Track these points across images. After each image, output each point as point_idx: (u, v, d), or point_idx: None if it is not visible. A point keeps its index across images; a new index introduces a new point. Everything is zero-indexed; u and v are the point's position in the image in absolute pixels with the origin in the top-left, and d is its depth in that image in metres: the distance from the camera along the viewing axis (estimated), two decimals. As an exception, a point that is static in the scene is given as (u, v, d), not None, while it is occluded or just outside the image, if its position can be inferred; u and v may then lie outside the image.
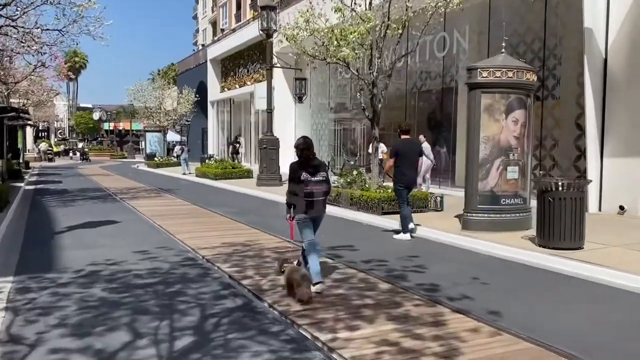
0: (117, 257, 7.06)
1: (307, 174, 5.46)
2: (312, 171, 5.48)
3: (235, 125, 35.50)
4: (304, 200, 5.46)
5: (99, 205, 13.32)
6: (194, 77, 40.96)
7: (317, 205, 5.55)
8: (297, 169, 5.50)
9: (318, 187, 5.50)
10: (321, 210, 5.68)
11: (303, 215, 5.51)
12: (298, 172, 5.47)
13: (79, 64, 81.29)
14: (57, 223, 10.24)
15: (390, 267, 6.61)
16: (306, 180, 5.44)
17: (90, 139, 75.74)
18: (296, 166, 5.54)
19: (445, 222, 9.89)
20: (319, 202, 5.57)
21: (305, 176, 5.45)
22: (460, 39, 16.13)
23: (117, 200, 14.24)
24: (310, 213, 5.54)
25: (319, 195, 5.53)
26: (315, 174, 5.49)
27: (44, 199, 14.66)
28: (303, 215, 5.52)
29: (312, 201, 5.48)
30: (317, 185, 5.50)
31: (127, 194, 16.08)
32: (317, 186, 5.50)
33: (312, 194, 5.47)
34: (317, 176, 5.49)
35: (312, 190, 5.46)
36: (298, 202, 5.48)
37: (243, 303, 5.14)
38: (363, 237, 8.95)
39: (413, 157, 8.66)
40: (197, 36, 69.33)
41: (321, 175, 5.54)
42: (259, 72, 30.44)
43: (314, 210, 5.55)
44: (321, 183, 5.53)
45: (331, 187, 5.92)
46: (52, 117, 59.63)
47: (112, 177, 25.17)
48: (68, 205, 13.16)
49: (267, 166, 17.93)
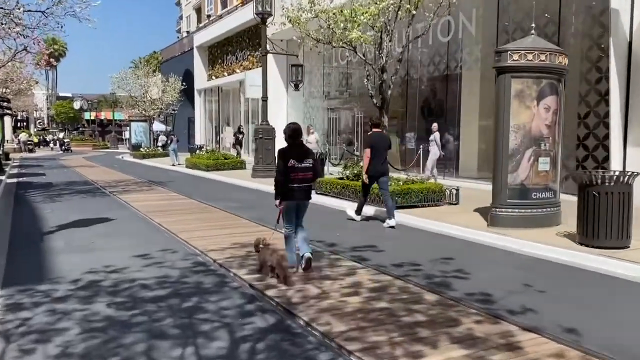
0: (117, 262, 6.27)
1: (295, 160, 5.52)
2: (299, 158, 5.55)
3: (224, 114, 34.51)
4: (291, 187, 5.56)
5: (88, 200, 12.43)
6: (180, 64, 39.70)
7: (302, 191, 5.66)
8: (284, 155, 5.56)
9: (305, 173, 5.60)
10: (306, 197, 5.77)
11: (291, 201, 5.66)
12: (285, 158, 5.53)
13: (58, 52, 78.85)
14: (45, 221, 9.38)
15: (426, 272, 5.93)
16: (293, 167, 5.52)
17: (71, 129, 73.87)
18: (284, 152, 5.60)
19: (466, 217, 9.25)
20: (304, 189, 5.68)
21: (293, 162, 5.51)
22: (467, 22, 15.43)
23: (107, 195, 13.35)
24: (297, 199, 5.68)
25: (306, 181, 5.65)
26: (303, 161, 5.57)
27: (28, 193, 13.72)
28: (290, 202, 5.66)
29: (298, 187, 5.59)
30: (304, 172, 5.59)
31: (116, 187, 15.18)
32: (304, 173, 5.59)
33: (299, 180, 5.57)
34: (304, 163, 5.58)
35: (298, 177, 5.56)
36: (284, 188, 5.58)
37: (275, 321, 4.41)
38: (382, 236, 8.26)
39: (384, 150, 9.00)
40: (181, 23, 67.51)
41: (308, 162, 5.62)
42: (249, 60, 29.51)
43: (301, 196, 5.69)
44: (308, 170, 5.62)
45: (318, 174, 5.98)
46: (31, 106, 57.93)
47: (98, 168, 24.14)
48: (55, 200, 12.25)
49: (263, 157, 17.14)
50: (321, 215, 10.30)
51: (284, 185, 5.58)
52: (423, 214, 9.65)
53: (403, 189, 10.26)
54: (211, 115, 36.42)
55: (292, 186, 5.57)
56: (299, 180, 5.59)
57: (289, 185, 5.56)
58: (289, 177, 5.54)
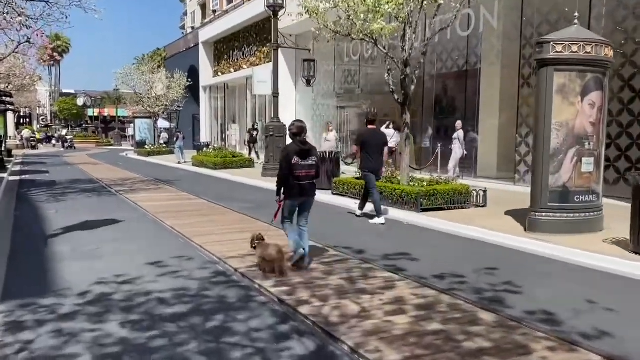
0: (129, 271, 5.70)
1: (298, 157, 5.55)
2: (303, 155, 5.57)
3: (230, 111, 33.92)
4: (294, 184, 5.58)
5: (94, 199, 11.85)
6: (185, 61, 39.12)
7: (305, 189, 5.67)
8: (288, 153, 5.60)
9: (307, 171, 5.61)
10: (310, 194, 5.78)
11: (293, 199, 5.69)
12: (289, 155, 5.56)
13: (62, 48, 78.57)
14: (49, 223, 8.80)
15: (473, 285, 5.33)
16: (297, 164, 5.54)
17: (74, 126, 73.43)
18: (288, 150, 5.65)
19: (498, 221, 8.65)
20: (308, 186, 5.69)
21: (296, 160, 5.54)
22: (488, 15, 14.80)
23: (114, 194, 12.78)
24: (299, 197, 5.69)
25: (309, 179, 5.66)
26: (306, 159, 5.59)
27: (30, 192, 13.15)
28: (292, 200, 5.70)
29: (301, 184, 5.60)
30: (307, 169, 5.61)
31: (122, 185, 14.61)
32: (307, 170, 5.61)
33: (302, 177, 5.59)
34: (307, 160, 5.60)
35: (302, 174, 5.58)
36: (288, 185, 5.61)
37: (316, 347, 3.82)
38: (415, 242, 7.65)
39: (378, 146, 9.00)
40: (185, 20, 66.98)
41: (312, 160, 5.65)
42: (256, 55, 28.91)
43: (303, 194, 5.69)
44: (311, 167, 5.65)
45: (320, 171, 6.02)
46: (34, 102, 57.39)
47: (102, 166, 23.58)
48: (59, 199, 11.68)
49: (274, 155, 16.53)
50: (341, 217, 9.72)
51: (286, 183, 5.61)
52: (451, 217, 9.05)
53: (429, 190, 9.65)
54: (217, 113, 35.84)
55: (295, 183, 5.59)
56: (302, 178, 5.61)
57: (292, 182, 5.58)
58: (292, 174, 5.55)
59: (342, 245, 6.98)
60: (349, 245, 7.04)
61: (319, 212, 10.48)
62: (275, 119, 16.88)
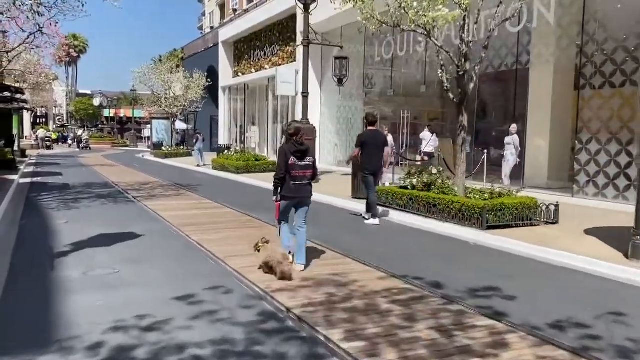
0: (154, 309, 4.47)
1: (295, 158, 5.61)
2: (299, 156, 5.64)
3: (249, 112, 32.79)
4: (291, 184, 5.67)
5: (109, 207, 10.68)
6: (203, 61, 38.09)
7: (303, 189, 5.75)
8: (285, 153, 5.64)
9: (304, 171, 5.69)
10: (307, 195, 5.83)
11: (289, 199, 5.75)
12: (286, 156, 5.62)
13: (79, 48, 78.40)
14: (58, 236, 7.62)
15: (609, 340, 4.00)
16: (294, 164, 5.61)
17: (90, 126, 72.97)
18: (285, 150, 5.67)
19: (583, 243, 7.29)
20: (305, 186, 5.77)
21: (293, 160, 5.61)
22: (543, 10, 13.42)
23: (131, 201, 11.61)
24: (296, 197, 5.75)
25: (305, 179, 5.73)
26: (303, 159, 5.66)
27: (41, 197, 12.03)
28: (288, 200, 5.76)
29: (297, 184, 5.69)
30: (304, 169, 5.69)
31: (140, 190, 13.45)
32: (304, 171, 5.69)
33: (299, 177, 5.67)
34: (304, 161, 5.67)
35: (298, 174, 5.66)
36: (285, 186, 5.71)
37: None
38: (498, 272, 6.28)
39: (378, 147, 9.12)
40: (203, 20, 66.24)
41: (308, 160, 5.71)
42: (278, 55, 27.75)
43: (300, 194, 5.75)
44: (307, 168, 5.72)
45: (317, 172, 6.05)
46: (50, 102, 56.92)
47: (118, 168, 22.52)
48: (71, 207, 10.52)
49: (303, 160, 15.31)
50: (394, 235, 8.41)
51: (283, 182, 5.70)
52: (523, 236, 7.71)
53: (495, 204, 8.32)
54: (236, 114, 34.71)
55: (291, 183, 5.68)
56: (299, 178, 5.69)
57: (288, 182, 5.68)
58: (288, 174, 5.64)
59: (412, 275, 5.69)
60: (419, 274, 5.75)
61: (364, 227, 9.35)
62: (305, 120, 15.63)
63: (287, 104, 26.85)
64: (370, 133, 9.34)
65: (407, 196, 9.88)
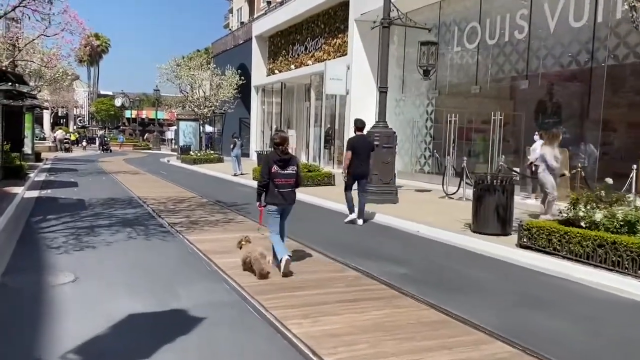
0: None
1: (277, 166, 5.78)
2: (282, 165, 5.80)
3: (285, 114, 29.57)
4: (275, 191, 5.83)
5: (138, 245, 7.42)
6: (233, 59, 34.94)
7: (285, 196, 5.91)
8: (268, 161, 5.86)
9: (286, 179, 5.86)
10: (289, 202, 5.99)
11: (273, 206, 5.93)
12: (270, 164, 5.81)
13: (101, 47, 76.38)
14: (52, 321, 4.37)
15: None
16: (276, 173, 5.78)
17: (111, 127, 70.66)
18: (268, 158, 5.92)
19: None
20: (287, 194, 5.92)
21: (276, 169, 5.78)
22: None
23: (167, 231, 8.35)
24: (280, 203, 5.91)
25: (287, 187, 5.89)
26: (285, 167, 5.82)
27: (45, 223, 8.86)
28: (273, 207, 5.94)
29: (280, 192, 5.85)
30: (286, 178, 5.85)
31: (175, 212, 10.25)
32: (286, 179, 5.85)
33: (281, 185, 5.84)
34: (287, 169, 5.84)
35: (280, 182, 5.83)
36: (269, 193, 5.88)
37: None
38: None
39: (365, 152, 9.46)
40: (230, 18, 63.39)
41: (291, 169, 5.87)
42: (323, 49, 24.46)
43: (282, 201, 5.91)
44: (290, 176, 5.88)
45: (301, 180, 6.23)
46: (71, 102, 54.53)
47: (143, 176, 19.42)
48: (83, 244, 7.29)
49: (379, 173, 11.95)
50: (568, 306, 4.95)
51: (268, 190, 5.86)
52: None
53: None
54: (270, 117, 31.47)
55: (275, 191, 5.83)
56: (282, 186, 5.84)
57: (272, 190, 5.82)
58: (272, 182, 5.80)
59: None
60: None
61: (513, 284, 6.07)
62: (382, 124, 12.27)
63: (334, 105, 23.57)
64: (358, 138, 9.64)
65: (590, 240, 6.44)
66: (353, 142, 9.56)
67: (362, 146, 9.45)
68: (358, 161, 9.37)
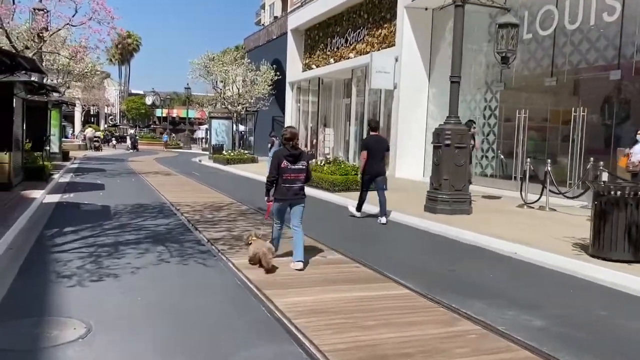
0: None
1: (287, 162, 5.83)
2: (292, 160, 5.85)
3: (322, 112, 27.88)
4: (283, 186, 5.86)
5: (172, 272, 5.80)
6: (266, 54, 33.38)
7: (295, 191, 5.93)
8: (279, 156, 5.87)
9: (296, 174, 5.90)
10: (299, 197, 5.99)
11: (278, 202, 5.95)
12: (279, 159, 5.85)
13: (132, 46, 76.15)
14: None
15: None
16: (286, 168, 5.83)
17: (141, 126, 70.27)
18: (279, 154, 5.92)
19: None
20: (297, 189, 5.94)
21: (286, 164, 5.82)
22: None
23: (209, 253, 6.72)
24: (288, 199, 5.92)
25: (297, 182, 5.93)
26: (295, 163, 5.87)
27: (60, 238, 7.34)
28: (278, 202, 5.96)
29: (290, 187, 5.88)
30: (296, 173, 5.90)
31: (215, 223, 8.67)
32: (296, 174, 5.90)
33: (290, 180, 5.88)
34: (297, 165, 5.88)
35: (290, 177, 5.87)
36: (277, 188, 5.92)
37: None
38: None
39: (380, 152, 9.61)
40: (261, 14, 62.13)
41: (301, 164, 5.92)
42: (366, 41, 22.68)
43: (291, 196, 5.92)
44: (300, 171, 5.93)
45: (311, 175, 6.34)
46: (102, 100, 54.05)
47: (175, 178, 18.01)
48: (104, 268, 5.71)
49: (451, 178, 10.14)
50: None
51: (276, 185, 5.91)
52: None
53: None
54: (306, 114, 29.81)
55: (283, 186, 5.86)
56: (290, 181, 5.87)
57: (280, 185, 5.86)
58: (281, 177, 5.84)
59: None
60: None
61: None
62: (453, 119, 10.43)
63: (377, 101, 21.78)
64: (373, 138, 9.76)
65: None
66: (368, 142, 9.74)
67: (376, 146, 9.61)
68: (373, 161, 9.52)
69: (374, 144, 9.64)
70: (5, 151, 11.12)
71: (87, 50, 17.75)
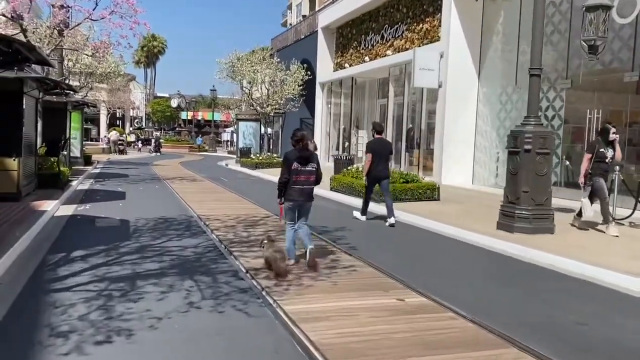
0: None
1: (298, 163, 5.88)
2: (303, 162, 5.89)
3: (355, 113, 26.30)
4: (293, 188, 5.90)
5: (204, 326, 4.29)
6: (295, 54, 31.88)
7: (305, 193, 6.00)
8: (290, 158, 5.92)
9: (307, 176, 5.94)
10: (306, 198, 6.04)
11: (289, 203, 5.99)
12: (290, 161, 5.89)
13: (157, 48, 75.79)
14: None
15: None
16: (296, 169, 5.88)
17: (167, 129, 69.70)
18: (290, 156, 5.96)
19: None
20: (307, 190, 6.01)
21: (296, 165, 5.88)
22: None
23: (250, 291, 5.19)
24: (299, 200, 5.98)
25: (308, 184, 5.99)
26: (306, 164, 5.92)
27: (64, 270, 5.90)
28: (289, 204, 5.99)
29: (300, 189, 5.94)
30: (307, 174, 5.95)
31: (253, 248, 7.11)
32: (306, 175, 5.94)
33: (301, 182, 5.92)
34: (307, 166, 5.93)
35: (301, 179, 5.91)
36: (288, 189, 5.93)
37: None
38: None
39: (385, 155, 9.74)
40: (288, 15, 60.88)
41: (312, 166, 5.96)
42: (405, 37, 21.02)
43: (302, 198, 5.99)
44: (311, 173, 5.98)
45: (321, 177, 6.15)
46: (127, 103, 53.40)
47: (202, 184, 16.65)
48: (114, 319, 4.25)
49: (531, 190, 8.44)
50: None
51: (287, 186, 5.91)
52: None
53: None
54: (338, 116, 28.22)
55: (294, 187, 5.91)
56: (301, 183, 5.92)
57: (291, 186, 5.89)
58: (292, 179, 5.87)
59: None
60: None
61: None
62: (533, 120, 8.72)
63: (418, 101, 20.11)
64: (378, 141, 9.82)
65: None
66: (373, 146, 9.75)
67: (381, 149, 9.69)
68: (378, 164, 9.56)
69: (379, 147, 9.70)
70: (13, 156, 9.82)
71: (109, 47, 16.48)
